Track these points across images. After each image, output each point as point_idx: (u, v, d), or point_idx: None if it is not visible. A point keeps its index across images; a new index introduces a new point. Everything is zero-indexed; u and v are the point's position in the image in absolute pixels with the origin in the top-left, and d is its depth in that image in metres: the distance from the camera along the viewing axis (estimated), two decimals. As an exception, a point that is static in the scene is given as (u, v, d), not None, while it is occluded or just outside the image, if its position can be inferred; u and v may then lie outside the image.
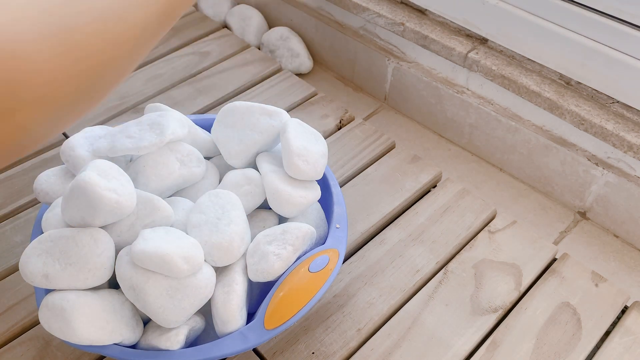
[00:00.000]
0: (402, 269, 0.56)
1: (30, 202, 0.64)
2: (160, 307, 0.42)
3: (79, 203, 0.42)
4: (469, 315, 0.52)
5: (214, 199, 0.47)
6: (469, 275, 0.56)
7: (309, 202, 0.49)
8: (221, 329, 0.44)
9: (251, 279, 0.46)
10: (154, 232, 0.44)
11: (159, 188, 0.49)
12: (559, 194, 0.66)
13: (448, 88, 0.70)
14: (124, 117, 0.73)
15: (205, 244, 0.45)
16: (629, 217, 0.60)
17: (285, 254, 0.46)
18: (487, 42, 0.67)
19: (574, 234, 0.63)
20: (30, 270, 0.42)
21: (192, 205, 0.49)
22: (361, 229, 0.60)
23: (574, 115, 0.58)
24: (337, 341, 0.51)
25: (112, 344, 0.43)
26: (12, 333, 0.52)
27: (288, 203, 0.48)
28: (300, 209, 0.49)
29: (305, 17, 0.85)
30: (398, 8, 0.73)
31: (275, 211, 0.50)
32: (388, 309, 0.53)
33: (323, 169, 0.51)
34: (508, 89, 0.63)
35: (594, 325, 0.52)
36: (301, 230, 0.47)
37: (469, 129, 0.71)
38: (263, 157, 0.52)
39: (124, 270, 0.43)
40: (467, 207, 0.61)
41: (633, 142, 0.55)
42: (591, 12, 0.56)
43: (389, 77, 0.77)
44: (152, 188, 0.49)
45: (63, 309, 0.41)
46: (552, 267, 0.57)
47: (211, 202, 0.47)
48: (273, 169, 0.50)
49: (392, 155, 0.68)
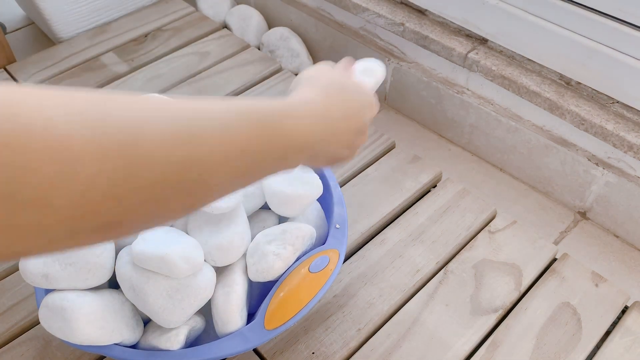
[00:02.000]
0: (402, 269, 0.56)
1: (30, 202, 0.64)
2: (161, 307, 0.42)
3: (79, 203, 0.42)
4: (469, 315, 0.52)
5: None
6: (469, 275, 0.56)
7: (309, 201, 0.49)
8: (221, 329, 0.44)
9: (251, 279, 0.46)
10: (154, 233, 0.44)
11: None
12: (559, 194, 0.66)
13: (448, 88, 0.70)
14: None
15: (206, 244, 0.45)
16: (629, 217, 0.60)
17: (285, 254, 0.46)
18: (487, 42, 0.67)
19: (574, 234, 0.63)
20: (30, 270, 0.42)
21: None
22: (361, 229, 0.60)
23: (574, 116, 0.58)
24: (337, 341, 0.51)
25: (112, 344, 0.43)
26: (12, 333, 0.52)
27: (287, 204, 0.48)
28: (300, 209, 0.49)
29: (305, 17, 0.85)
30: (398, 8, 0.73)
31: (275, 212, 0.50)
32: (388, 309, 0.53)
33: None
34: (508, 89, 0.63)
35: (594, 325, 0.52)
36: (301, 230, 0.47)
37: (469, 129, 0.71)
38: None
39: (124, 271, 0.43)
40: (467, 207, 0.61)
41: (633, 142, 0.55)
42: (591, 12, 0.56)
43: (389, 77, 0.77)
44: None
45: (63, 309, 0.41)
46: (552, 267, 0.57)
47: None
48: None
49: (392, 155, 0.68)
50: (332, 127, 0.35)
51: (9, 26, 1.01)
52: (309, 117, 0.33)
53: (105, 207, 0.22)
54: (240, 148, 0.27)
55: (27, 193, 0.20)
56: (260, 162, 0.29)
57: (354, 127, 0.38)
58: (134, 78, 0.80)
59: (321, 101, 0.35)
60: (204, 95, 0.76)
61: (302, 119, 0.32)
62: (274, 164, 0.31)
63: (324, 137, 0.34)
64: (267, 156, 0.29)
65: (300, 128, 0.31)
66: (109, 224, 0.23)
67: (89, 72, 0.82)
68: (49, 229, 0.21)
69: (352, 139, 0.38)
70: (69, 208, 0.21)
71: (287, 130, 0.30)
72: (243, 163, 0.28)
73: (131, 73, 0.81)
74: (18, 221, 0.20)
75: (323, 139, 0.34)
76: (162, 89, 0.78)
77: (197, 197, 0.26)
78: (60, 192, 0.21)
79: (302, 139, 0.31)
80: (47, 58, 0.84)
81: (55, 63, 0.83)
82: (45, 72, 0.82)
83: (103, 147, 0.22)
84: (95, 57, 0.84)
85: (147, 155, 0.23)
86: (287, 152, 0.31)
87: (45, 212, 0.21)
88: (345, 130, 0.36)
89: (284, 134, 0.30)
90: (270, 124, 0.29)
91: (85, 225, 0.22)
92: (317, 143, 0.33)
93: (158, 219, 0.25)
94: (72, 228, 0.22)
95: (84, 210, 0.22)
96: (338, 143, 0.36)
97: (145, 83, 0.79)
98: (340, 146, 0.36)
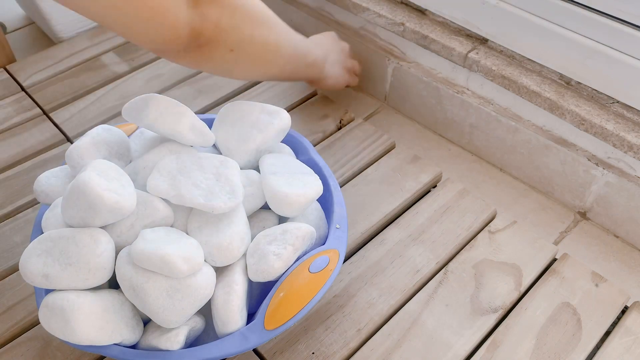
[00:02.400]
0: (402, 269, 0.56)
1: (30, 203, 0.64)
2: (160, 307, 0.42)
3: (79, 203, 0.42)
4: (469, 316, 0.52)
5: (214, 199, 0.47)
6: (469, 275, 0.56)
7: (308, 201, 0.49)
8: (221, 329, 0.44)
9: (251, 279, 0.46)
10: (154, 233, 0.44)
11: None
12: (559, 194, 0.66)
13: (448, 88, 0.70)
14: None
15: (206, 244, 0.45)
16: (629, 217, 0.60)
17: (286, 254, 0.46)
18: (487, 42, 0.67)
19: (574, 234, 0.63)
20: (30, 270, 0.42)
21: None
22: (361, 229, 0.60)
23: (574, 116, 0.58)
24: (337, 341, 0.51)
25: (112, 344, 0.43)
26: (12, 333, 0.52)
27: (287, 204, 0.48)
28: (299, 209, 0.49)
29: (305, 17, 0.85)
30: (398, 8, 0.73)
31: (275, 212, 0.50)
32: (388, 309, 0.53)
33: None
34: (508, 89, 0.63)
35: (594, 325, 0.52)
36: (301, 230, 0.47)
37: (469, 129, 0.71)
38: (265, 159, 0.52)
39: (124, 271, 0.43)
40: (467, 207, 0.61)
41: (633, 142, 0.55)
42: (591, 12, 0.56)
43: (389, 77, 0.77)
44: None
45: (63, 309, 0.41)
46: (552, 267, 0.57)
47: (211, 202, 0.47)
48: (273, 170, 0.50)
49: (392, 155, 0.68)
50: (332, 60, 0.68)
51: (9, 26, 1.01)
52: (319, 53, 0.64)
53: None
54: (297, 49, 0.58)
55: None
56: (302, 61, 0.61)
57: (342, 59, 0.71)
58: (134, 78, 0.80)
59: (325, 47, 0.68)
60: (204, 95, 0.76)
61: (316, 52, 0.63)
62: (300, 70, 0.62)
63: (326, 63, 0.66)
64: (300, 63, 0.61)
65: (318, 57, 0.64)
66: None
67: (89, 72, 0.82)
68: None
69: (343, 68, 0.71)
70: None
71: (310, 57, 0.62)
72: (290, 62, 0.58)
73: (131, 73, 0.81)
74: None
75: (326, 63, 0.66)
76: (162, 89, 0.78)
77: (265, 64, 0.55)
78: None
79: (315, 60, 0.63)
80: (47, 58, 0.84)
81: (55, 63, 0.83)
82: (45, 72, 0.82)
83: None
84: (95, 57, 0.84)
85: (257, 36, 0.51)
86: (308, 65, 0.62)
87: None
88: (339, 62, 0.70)
89: (307, 56, 0.61)
90: (304, 52, 0.60)
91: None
92: (323, 63, 0.66)
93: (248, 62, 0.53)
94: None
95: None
96: (334, 65, 0.68)
97: (146, 83, 0.79)
98: (336, 67, 0.69)
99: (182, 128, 0.49)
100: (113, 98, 0.77)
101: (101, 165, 0.44)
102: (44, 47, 0.88)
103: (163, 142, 0.50)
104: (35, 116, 0.75)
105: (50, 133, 0.73)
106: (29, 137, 0.72)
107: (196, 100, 0.76)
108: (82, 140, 0.50)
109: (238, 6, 0.48)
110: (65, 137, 0.72)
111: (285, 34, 0.55)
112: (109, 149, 0.51)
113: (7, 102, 0.77)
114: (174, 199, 0.46)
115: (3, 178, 0.67)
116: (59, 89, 0.79)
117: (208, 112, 0.75)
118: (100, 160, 0.45)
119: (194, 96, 0.76)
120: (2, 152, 0.70)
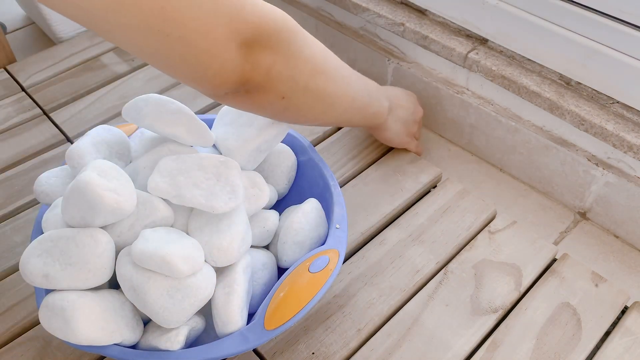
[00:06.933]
0: (402, 269, 0.56)
1: (30, 203, 0.64)
2: (161, 308, 0.42)
3: (79, 203, 0.42)
4: (469, 316, 0.52)
5: (214, 199, 0.47)
6: (469, 275, 0.56)
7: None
8: (221, 329, 0.44)
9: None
10: (155, 232, 0.44)
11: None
12: (559, 194, 0.66)
13: (448, 88, 0.70)
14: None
15: (206, 244, 0.45)
16: (629, 217, 0.60)
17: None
18: (487, 43, 0.67)
19: (574, 234, 0.63)
20: (30, 270, 0.42)
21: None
22: (361, 229, 0.60)
23: (574, 116, 0.58)
24: (337, 341, 0.51)
25: (112, 344, 0.43)
26: (12, 333, 0.52)
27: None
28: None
29: (305, 17, 0.85)
30: (398, 8, 0.73)
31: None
32: (388, 309, 0.53)
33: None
34: (508, 89, 0.63)
35: (594, 325, 0.52)
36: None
37: (469, 129, 0.71)
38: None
39: (124, 271, 0.43)
40: (467, 208, 0.61)
41: (633, 142, 0.55)
42: (591, 12, 0.56)
43: (389, 78, 0.77)
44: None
45: (63, 309, 0.41)
46: (552, 267, 0.57)
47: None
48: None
49: (392, 156, 0.68)
50: (397, 116, 0.64)
51: (9, 26, 1.01)
52: (384, 105, 0.61)
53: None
54: (355, 101, 0.54)
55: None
56: (361, 112, 0.57)
57: (410, 120, 0.67)
58: (134, 78, 0.80)
59: (395, 100, 0.64)
60: (204, 95, 0.76)
61: (382, 103, 0.60)
62: (359, 120, 0.58)
63: (389, 115, 0.62)
64: (359, 114, 0.57)
65: (382, 109, 0.60)
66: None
67: (89, 72, 0.82)
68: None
69: (407, 128, 0.66)
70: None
71: (372, 108, 0.59)
72: (347, 112, 0.54)
73: (131, 73, 0.81)
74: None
75: (389, 115, 0.62)
76: (162, 89, 0.78)
77: (318, 113, 0.51)
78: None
79: (377, 112, 0.60)
80: (47, 58, 0.84)
81: (55, 63, 0.83)
82: (45, 72, 0.82)
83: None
84: (95, 57, 0.84)
85: (313, 86, 0.47)
86: (368, 116, 0.59)
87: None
88: (404, 121, 0.65)
89: (368, 108, 0.58)
90: (365, 103, 0.56)
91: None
92: (386, 115, 0.62)
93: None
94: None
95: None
96: (398, 121, 0.64)
97: (146, 83, 0.79)
98: (399, 124, 0.65)
99: (182, 128, 0.49)
100: (113, 98, 0.77)
101: (101, 165, 0.44)
102: (44, 47, 0.88)
103: (163, 142, 0.50)
104: (36, 116, 0.75)
105: (50, 133, 0.73)
106: (29, 137, 0.72)
107: (196, 101, 0.76)
108: (82, 141, 0.50)
109: (294, 54, 0.43)
110: (65, 137, 0.72)
111: (346, 85, 0.51)
112: (109, 149, 0.51)
113: (7, 102, 0.77)
114: (175, 199, 0.46)
115: (3, 178, 0.67)
116: (59, 89, 0.79)
117: (208, 112, 0.75)
118: (101, 160, 0.45)
119: (194, 96, 0.76)
120: (2, 152, 0.70)
